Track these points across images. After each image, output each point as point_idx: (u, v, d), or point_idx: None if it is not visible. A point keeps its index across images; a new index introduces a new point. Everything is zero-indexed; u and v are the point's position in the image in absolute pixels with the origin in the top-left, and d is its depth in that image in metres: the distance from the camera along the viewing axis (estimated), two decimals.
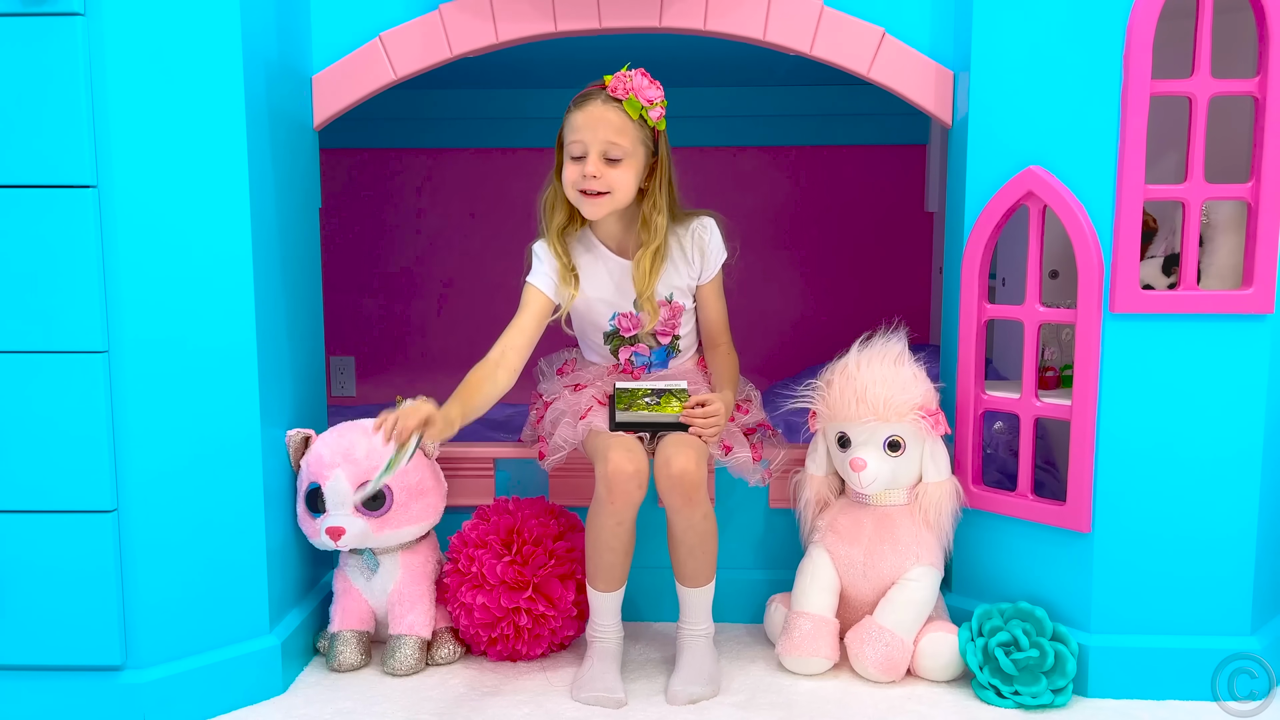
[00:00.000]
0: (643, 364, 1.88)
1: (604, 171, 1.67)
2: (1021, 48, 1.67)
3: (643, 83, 1.67)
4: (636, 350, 1.87)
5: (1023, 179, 1.67)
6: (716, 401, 1.73)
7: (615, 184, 1.69)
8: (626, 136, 1.67)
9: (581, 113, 1.68)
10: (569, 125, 1.70)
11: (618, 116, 1.66)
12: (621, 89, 1.66)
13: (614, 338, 1.87)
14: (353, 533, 1.73)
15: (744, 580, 1.96)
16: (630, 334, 1.85)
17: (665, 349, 1.88)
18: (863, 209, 3.13)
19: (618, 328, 1.85)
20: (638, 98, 1.66)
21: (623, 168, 1.68)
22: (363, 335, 3.23)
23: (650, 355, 1.88)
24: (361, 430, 1.78)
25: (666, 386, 1.76)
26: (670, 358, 1.89)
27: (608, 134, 1.66)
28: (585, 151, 1.67)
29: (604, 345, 1.87)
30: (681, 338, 1.88)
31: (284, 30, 1.77)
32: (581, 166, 1.68)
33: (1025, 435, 1.73)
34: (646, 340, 1.85)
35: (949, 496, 1.75)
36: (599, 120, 1.66)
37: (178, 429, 1.57)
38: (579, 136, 1.67)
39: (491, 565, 1.74)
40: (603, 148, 1.67)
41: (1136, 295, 1.61)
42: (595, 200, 1.70)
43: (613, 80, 1.68)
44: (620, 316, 1.84)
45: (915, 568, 1.74)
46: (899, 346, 1.77)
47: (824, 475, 1.84)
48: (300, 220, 1.87)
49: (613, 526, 1.64)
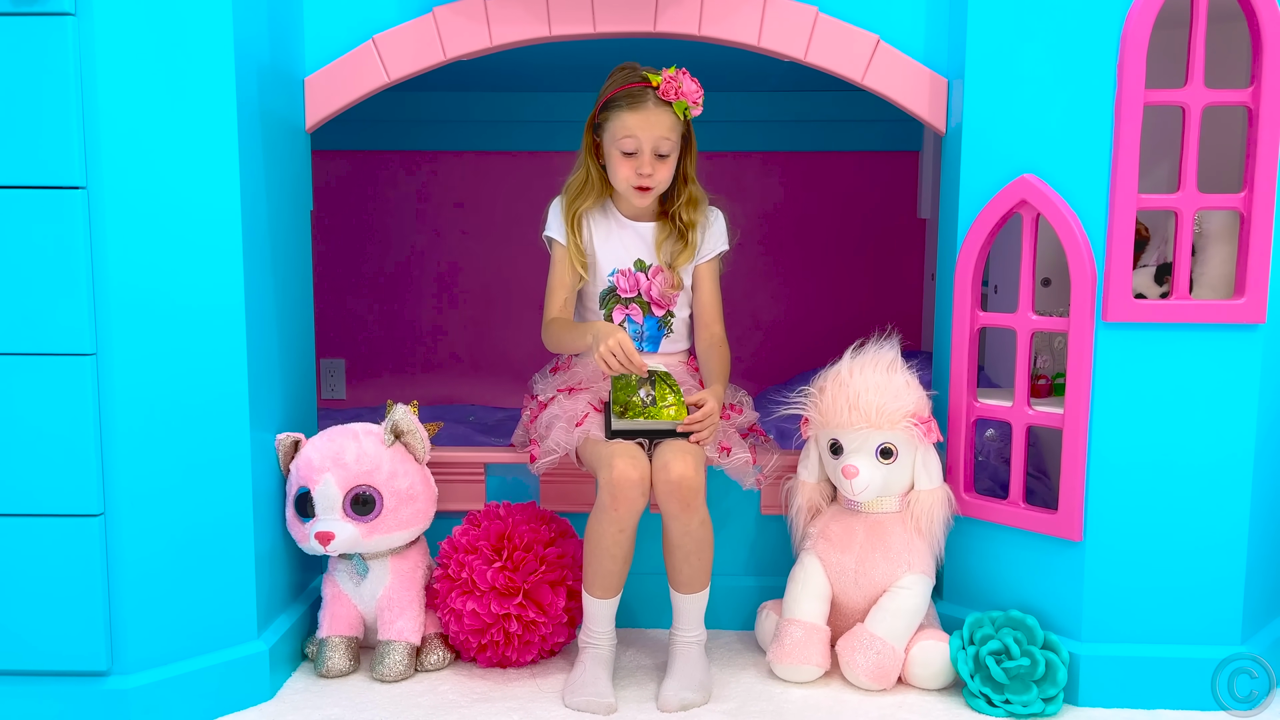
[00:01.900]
0: (635, 333, 1.88)
1: (656, 167, 1.79)
2: (1016, 56, 1.67)
3: (691, 86, 1.77)
4: (630, 314, 1.88)
5: (1016, 187, 1.67)
6: (709, 400, 1.73)
7: (663, 176, 1.81)
8: (674, 133, 1.79)
9: (636, 115, 1.76)
10: (620, 122, 1.77)
11: (669, 118, 1.77)
12: (674, 93, 1.76)
13: (610, 297, 1.88)
14: (342, 538, 1.72)
15: (735, 587, 1.95)
16: (626, 295, 1.88)
17: (658, 320, 1.89)
18: (855, 215, 3.13)
19: (614, 285, 1.87)
20: (686, 100, 1.77)
21: (669, 161, 1.81)
22: (353, 338, 3.21)
23: (643, 323, 1.88)
24: (351, 435, 1.77)
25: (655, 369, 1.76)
26: (662, 334, 1.90)
27: (660, 133, 1.77)
28: (638, 149, 1.78)
29: (599, 310, 1.89)
30: (676, 317, 1.90)
31: (276, 32, 1.76)
32: (634, 163, 1.79)
33: (1017, 443, 1.73)
34: (642, 304, 1.88)
35: (941, 504, 1.75)
36: (654, 122, 1.76)
37: (166, 432, 1.55)
38: (634, 135, 1.77)
39: (482, 571, 1.73)
40: (654, 145, 1.77)
41: (1129, 304, 1.61)
42: (646, 192, 1.82)
43: (663, 84, 1.76)
44: (620, 274, 1.87)
45: (907, 575, 1.73)
46: (892, 354, 1.76)
47: (816, 482, 1.84)
48: (291, 222, 1.86)
49: (615, 534, 1.64)
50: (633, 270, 1.87)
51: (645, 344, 1.89)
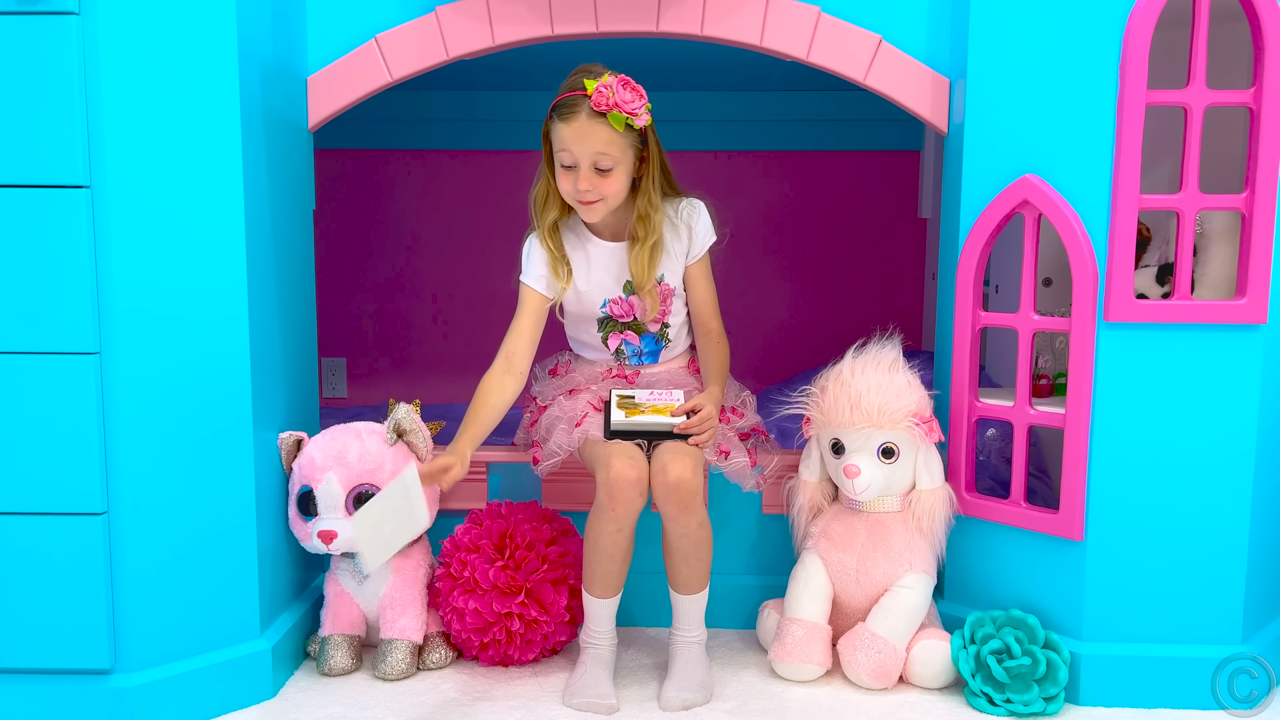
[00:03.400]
0: (633, 353, 1.88)
1: (595, 183, 1.69)
2: (1018, 56, 1.67)
3: (625, 95, 1.64)
4: (626, 338, 1.87)
5: (1018, 187, 1.68)
6: (706, 404, 1.72)
7: (607, 190, 1.71)
8: (614, 147, 1.67)
9: (568, 127, 1.66)
10: (556, 135, 1.69)
11: (604, 130, 1.65)
12: (605, 103, 1.64)
13: (606, 324, 1.86)
14: (345, 536, 1.73)
15: (737, 586, 1.96)
16: (622, 320, 1.85)
17: (654, 337, 1.88)
18: (856, 215, 3.14)
19: (609, 314, 1.85)
20: (621, 111, 1.64)
21: (613, 175, 1.70)
22: (354, 336, 3.22)
23: (640, 343, 1.87)
24: (354, 433, 1.78)
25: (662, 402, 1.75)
26: (660, 347, 1.89)
27: (596, 147, 1.66)
28: (575, 163, 1.68)
29: (596, 333, 1.87)
30: (672, 326, 1.88)
31: (279, 31, 1.76)
32: (573, 177, 1.69)
33: (1019, 443, 1.74)
34: (636, 327, 1.86)
35: (942, 504, 1.75)
36: (586, 135, 1.65)
37: (169, 431, 1.56)
38: (568, 149, 1.68)
39: (484, 570, 1.73)
40: (592, 159, 1.67)
41: (1131, 304, 1.61)
42: (590, 206, 1.73)
43: (594, 94, 1.64)
44: (611, 303, 1.84)
45: (908, 575, 1.74)
46: (893, 353, 1.77)
47: (818, 481, 1.84)
48: (294, 221, 1.87)
49: (613, 533, 1.64)
50: (624, 297, 1.83)
51: (645, 359, 1.89)
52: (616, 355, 1.89)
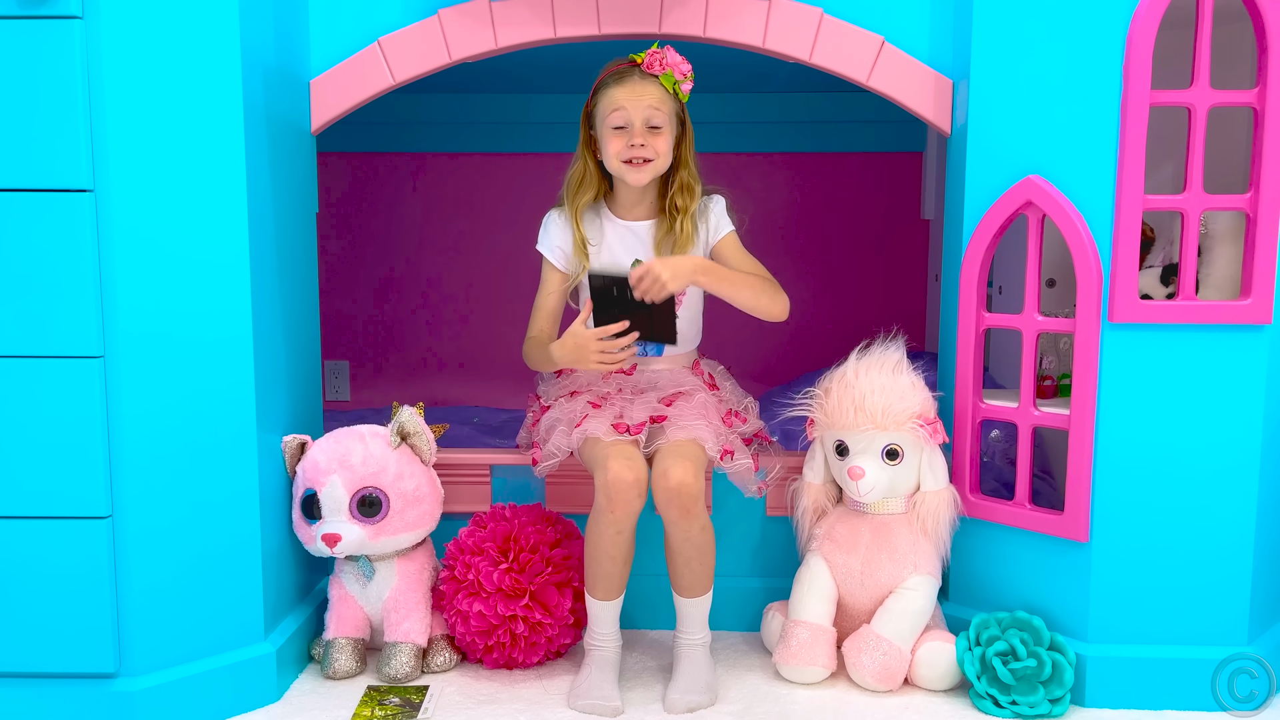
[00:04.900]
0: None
1: (649, 138, 1.75)
2: (1021, 56, 1.67)
3: (677, 58, 1.76)
4: None
5: (1022, 188, 1.67)
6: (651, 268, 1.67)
7: (659, 150, 1.77)
8: (665, 107, 1.77)
9: (622, 88, 1.75)
10: (608, 99, 1.76)
11: (657, 89, 1.76)
12: (658, 64, 1.75)
13: None
14: (349, 539, 1.72)
15: (741, 588, 1.95)
16: None
17: None
18: (859, 216, 3.13)
19: None
20: (674, 72, 1.76)
21: (663, 136, 1.77)
22: (357, 339, 3.21)
23: None
24: (357, 436, 1.77)
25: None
26: None
27: (650, 102, 1.75)
28: (628, 122, 1.75)
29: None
30: (680, 318, 1.85)
31: (282, 34, 1.76)
32: (625, 137, 1.75)
33: (1023, 444, 1.73)
34: None
35: (947, 505, 1.75)
36: (641, 93, 1.75)
37: (173, 435, 1.56)
38: (622, 107, 1.75)
39: (488, 572, 1.73)
40: (645, 116, 1.75)
41: (1135, 305, 1.61)
42: (640, 168, 1.77)
43: (647, 57, 1.76)
44: None
45: (913, 577, 1.73)
46: (897, 355, 1.76)
47: (821, 483, 1.84)
48: (297, 225, 1.87)
49: (612, 535, 1.64)
50: None
51: (650, 350, 1.88)
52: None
